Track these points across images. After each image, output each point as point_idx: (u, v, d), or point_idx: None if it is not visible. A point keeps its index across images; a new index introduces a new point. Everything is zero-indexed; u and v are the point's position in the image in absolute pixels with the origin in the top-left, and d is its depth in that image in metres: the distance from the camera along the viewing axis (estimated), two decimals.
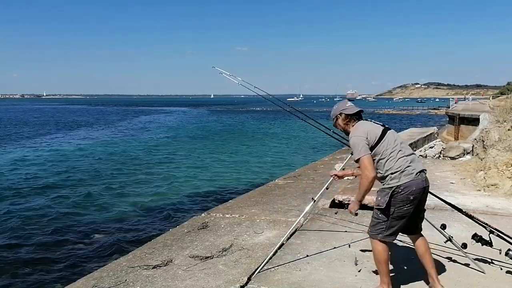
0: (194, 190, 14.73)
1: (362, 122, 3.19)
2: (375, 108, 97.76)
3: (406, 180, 2.99)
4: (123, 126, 47.45)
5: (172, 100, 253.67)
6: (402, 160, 3.02)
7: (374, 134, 3.05)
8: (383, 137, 3.05)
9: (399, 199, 3.00)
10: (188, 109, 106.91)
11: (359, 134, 3.05)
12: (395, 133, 3.16)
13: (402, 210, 3.02)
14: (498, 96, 46.97)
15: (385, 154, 3.03)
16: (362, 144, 2.99)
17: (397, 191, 2.99)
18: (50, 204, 12.70)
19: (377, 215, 3.09)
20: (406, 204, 3.01)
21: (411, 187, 2.99)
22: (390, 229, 3.05)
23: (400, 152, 3.04)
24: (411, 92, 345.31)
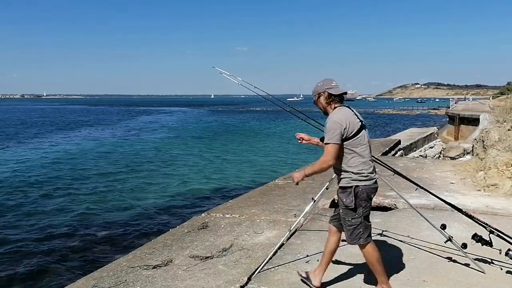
0: (194, 190, 14.73)
1: (345, 109, 3.09)
2: (375, 108, 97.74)
3: (367, 183, 3.03)
4: (123, 126, 47.46)
5: (173, 100, 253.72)
6: (366, 162, 3.05)
7: (353, 126, 3.00)
8: (359, 132, 3.02)
9: (362, 199, 3.01)
10: (188, 109, 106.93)
11: (339, 120, 2.98)
12: (367, 132, 3.13)
13: (367, 208, 3.06)
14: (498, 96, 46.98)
15: (354, 150, 3.01)
16: (338, 132, 2.95)
17: (358, 190, 3.00)
18: (50, 204, 12.71)
19: (351, 221, 3.04)
20: (368, 204, 3.06)
21: (369, 186, 3.04)
22: (366, 231, 3.07)
23: (367, 153, 3.05)
24: (411, 92, 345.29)
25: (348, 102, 3.31)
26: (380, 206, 6.04)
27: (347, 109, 3.10)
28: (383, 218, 5.32)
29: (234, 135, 36.75)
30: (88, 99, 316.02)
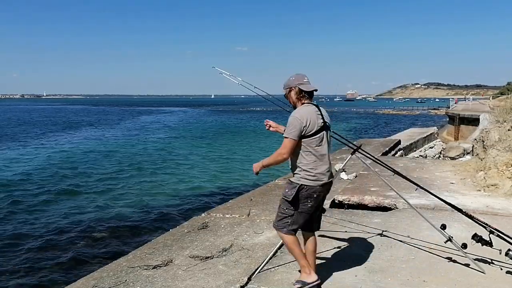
0: (194, 190, 14.74)
1: (311, 107, 3.13)
2: (375, 108, 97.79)
3: (313, 183, 3.09)
4: (124, 126, 47.51)
5: (173, 100, 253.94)
6: (319, 162, 3.10)
7: (313, 125, 3.05)
8: (318, 132, 3.08)
9: (304, 195, 3.09)
10: (188, 109, 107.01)
11: (300, 117, 3.03)
12: (328, 133, 3.20)
13: (306, 206, 3.12)
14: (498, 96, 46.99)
15: (309, 149, 3.08)
16: (297, 128, 3.01)
17: (302, 188, 3.08)
18: (50, 204, 12.73)
19: (284, 210, 3.16)
20: (310, 201, 3.11)
21: (315, 188, 3.10)
22: (294, 224, 3.15)
23: (321, 155, 3.11)
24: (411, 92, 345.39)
25: (348, 102, 3.32)
26: (380, 206, 6.05)
27: (313, 107, 3.14)
28: (383, 218, 5.32)
29: (234, 135, 36.77)
30: (88, 99, 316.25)
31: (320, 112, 3.14)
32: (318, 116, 3.10)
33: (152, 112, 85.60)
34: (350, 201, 6.26)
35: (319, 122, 3.09)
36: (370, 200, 6.20)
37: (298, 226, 3.18)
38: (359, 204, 6.18)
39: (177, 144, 29.56)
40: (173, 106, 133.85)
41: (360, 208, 6.07)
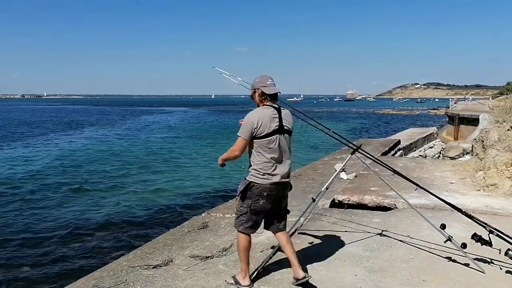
0: (195, 190, 14.74)
1: (267, 110, 3.21)
2: (375, 108, 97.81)
3: (262, 181, 3.20)
4: (125, 126, 47.54)
5: (173, 100, 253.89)
6: (269, 163, 3.20)
7: (265, 128, 3.15)
8: (271, 135, 3.17)
9: (254, 193, 3.21)
10: (189, 109, 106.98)
11: (252, 118, 3.17)
12: (287, 139, 3.28)
13: (258, 204, 3.22)
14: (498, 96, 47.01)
15: (260, 150, 3.20)
16: (249, 129, 3.15)
17: (252, 186, 3.21)
18: (51, 203, 12.72)
19: (239, 208, 3.30)
20: (261, 199, 3.21)
21: (265, 185, 3.20)
22: (249, 222, 3.26)
23: (273, 157, 3.20)
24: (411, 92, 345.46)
25: (348, 102, 3.33)
26: (380, 206, 6.05)
27: (270, 110, 3.22)
28: (383, 218, 5.33)
29: (234, 134, 36.68)
30: (89, 99, 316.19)
31: (278, 115, 3.22)
32: (273, 119, 3.19)
33: (152, 112, 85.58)
34: (350, 201, 6.27)
35: (273, 125, 3.18)
36: (370, 200, 6.20)
37: (253, 224, 3.27)
38: (359, 204, 6.18)
39: (177, 144, 29.56)
40: (173, 106, 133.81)
41: (360, 208, 6.08)
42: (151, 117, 68.15)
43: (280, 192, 3.29)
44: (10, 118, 62.26)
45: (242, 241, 3.29)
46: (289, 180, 3.36)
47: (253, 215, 3.26)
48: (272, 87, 3.25)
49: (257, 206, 3.23)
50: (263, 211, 3.27)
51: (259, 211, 3.26)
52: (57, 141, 30.59)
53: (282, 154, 3.25)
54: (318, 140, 28.39)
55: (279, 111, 3.25)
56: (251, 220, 3.26)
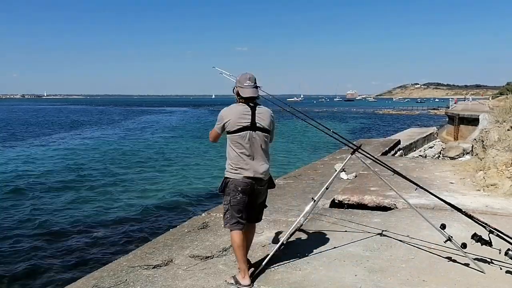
0: (195, 190, 14.74)
1: (240, 107, 3.33)
2: (375, 108, 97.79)
3: (235, 176, 3.31)
4: (125, 126, 47.59)
5: (174, 100, 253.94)
6: (241, 158, 3.30)
7: (234, 123, 3.28)
8: (240, 131, 3.27)
9: (231, 189, 3.32)
10: (189, 109, 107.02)
11: (224, 114, 3.36)
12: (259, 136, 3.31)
13: (236, 199, 3.31)
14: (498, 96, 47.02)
15: (232, 145, 3.33)
16: (220, 123, 3.36)
17: (228, 181, 3.34)
18: (51, 203, 12.73)
19: (223, 205, 3.43)
20: (237, 195, 3.31)
21: (238, 180, 3.30)
22: (233, 218, 3.35)
23: (243, 152, 3.29)
24: (410, 92, 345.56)
25: (348, 102, 3.34)
26: (380, 206, 6.05)
27: (243, 107, 3.33)
28: (383, 218, 5.33)
29: None
30: (89, 99, 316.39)
31: (251, 112, 3.30)
32: (244, 116, 3.29)
33: (152, 112, 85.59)
34: (350, 201, 6.27)
35: (243, 121, 3.28)
36: (370, 199, 6.20)
37: (236, 220, 3.34)
38: (359, 204, 6.18)
39: (177, 143, 29.57)
40: (173, 106, 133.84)
41: (360, 207, 6.07)
42: (151, 117, 68.17)
43: (255, 188, 3.35)
44: (14, 118, 62.36)
45: (233, 239, 3.35)
46: (264, 177, 3.37)
47: (234, 212, 3.33)
48: (248, 89, 3.32)
49: (235, 201, 3.31)
50: (243, 206, 3.33)
51: (237, 206, 3.32)
52: (58, 141, 30.62)
53: (254, 151, 3.32)
54: (318, 140, 28.41)
55: (254, 108, 3.33)
56: (234, 216, 3.33)
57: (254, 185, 3.34)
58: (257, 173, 3.33)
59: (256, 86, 3.39)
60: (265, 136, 3.36)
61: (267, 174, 3.40)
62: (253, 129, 3.30)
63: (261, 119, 3.33)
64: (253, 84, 3.36)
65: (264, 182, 3.41)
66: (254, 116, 3.30)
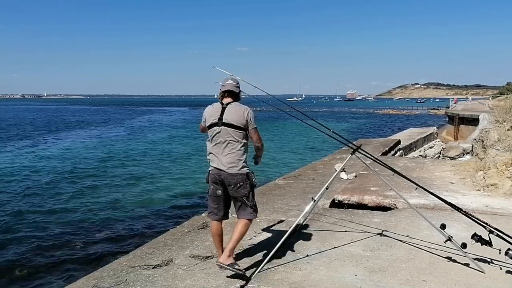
0: (195, 190, 14.73)
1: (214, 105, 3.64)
2: (375, 108, 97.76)
3: (209, 168, 3.65)
4: (126, 126, 47.63)
5: (174, 100, 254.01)
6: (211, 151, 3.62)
7: (207, 120, 3.62)
8: (211, 127, 3.57)
9: (207, 180, 3.68)
10: (190, 109, 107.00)
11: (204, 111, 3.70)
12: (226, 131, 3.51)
13: (210, 190, 3.65)
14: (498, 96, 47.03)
15: (207, 139, 3.66)
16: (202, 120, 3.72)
17: (207, 173, 3.68)
18: (51, 203, 12.72)
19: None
20: (211, 186, 3.63)
21: (210, 172, 3.64)
22: (209, 208, 3.72)
23: (212, 146, 3.60)
24: (410, 92, 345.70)
25: (348, 102, 3.33)
26: (380, 205, 6.05)
27: (217, 105, 3.62)
28: (383, 218, 5.32)
29: None
30: (89, 99, 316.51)
31: (221, 110, 3.55)
32: (214, 114, 3.57)
33: (153, 112, 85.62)
34: (350, 201, 6.27)
35: (212, 119, 3.57)
36: (370, 199, 6.20)
37: (211, 210, 3.65)
38: (359, 204, 6.18)
39: (178, 143, 29.57)
40: (175, 106, 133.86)
41: (360, 207, 6.07)
42: (151, 116, 68.17)
43: (225, 180, 3.52)
44: (17, 118, 62.41)
45: (212, 228, 3.70)
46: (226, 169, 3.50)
47: (210, 201, 3.65)
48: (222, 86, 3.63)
49: (209, 191, 3.65)
50: (214, 197, 3.61)
51: (211, 196, 3.63)
52: (57, 141, 30.60)
53: (218, 145, 3.55)
54: (318, 140, 28.41)
55: (224, 107, 3.56)
56: (209, 206, 3.68)
57: (221, 176, 3.52)
58: (220, 164, 3.53)
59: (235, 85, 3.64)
60: (233, 132, 3.51)
61: (231, 167, 3.50)
62: (220, 125, 3.52)
63: (228, 116, 3.51)
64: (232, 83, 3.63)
65: (231, 176, 3.51)
66: (222, 113, 3.53)
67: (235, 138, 3.52)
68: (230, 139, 3.52)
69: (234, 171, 3.50)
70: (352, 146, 4.16)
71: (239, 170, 3.51)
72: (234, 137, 3.52)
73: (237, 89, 3.67)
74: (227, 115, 3.52)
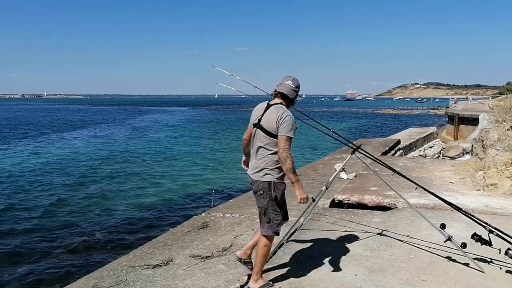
0: (195, 190, 14.73)
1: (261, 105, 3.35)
2: (374, 108, 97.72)
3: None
4: (127, 125, 47.67)
5: (175, 100, 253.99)
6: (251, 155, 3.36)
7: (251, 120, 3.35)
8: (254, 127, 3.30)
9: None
10: (190, 109, 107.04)
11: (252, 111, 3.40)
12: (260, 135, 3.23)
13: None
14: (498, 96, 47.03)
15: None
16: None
17: None
18: (51, 203, 12.70)
19: None
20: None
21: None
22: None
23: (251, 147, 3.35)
24: (410, 92, 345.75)
25: (348, 102, 3.33)
26: (380, 205, 6.06)
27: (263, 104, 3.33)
28: (383, 217, 5.33)
29: (234, 134, 36.75)
30: (89, 99, 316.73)
31: (264, 110, 3.27)
32: (259, 113, 3.29)
33: (154, 112, 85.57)
34: (349, 201, 6.27)
35: (254, 119, 3.31)
36: (370, 199, 6.21)
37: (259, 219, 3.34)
38: (359, 204, 6.19)
39: (178, 143, 29.57)
40: (175, 106, 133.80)
41: (360, 207, 6.08)
42: (152, 116, 68.16)
43: (253, 186, 3.29)
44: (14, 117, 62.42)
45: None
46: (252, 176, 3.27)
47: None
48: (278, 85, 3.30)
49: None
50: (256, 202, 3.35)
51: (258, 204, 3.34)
52: (61, 141, 30.60)
53: (253, 148, 3.31)
54: (318, 140, 28.41)
55: (267, 107, 3.27)
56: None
57: (253, 184, 3.30)
58: (250, 169, 3.37)
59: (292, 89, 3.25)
60: (263, 137, 3.19)
61: (255, 173, 3.23)
62: (257, 127, 3.25)
63: (266, 118, 3.22)
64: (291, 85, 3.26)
65: (253, 182, 3.26)
66: (263, 114, 3.24)
67: (264, 144, 3.19)
68: (260, 144, 3.22)
69: (257, 177, 3.22)
70: (352, 146, 4.16)
71: (262, 177, 3.19)
72: (264, 143, 3.19)
73: (293, 93, 3.26)
74: (265, 117, 3.21)
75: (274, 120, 3.13)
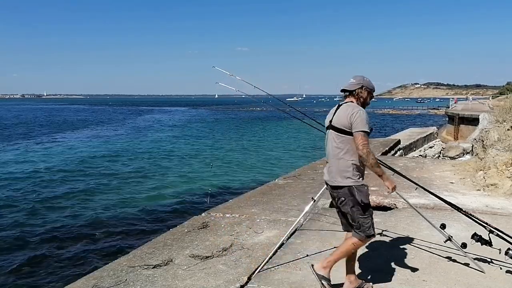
0: (195, 190, 14.73)
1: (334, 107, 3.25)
2: (375, 108, 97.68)
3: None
4: (127, 125, 47.68)
5: (175, 100, 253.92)
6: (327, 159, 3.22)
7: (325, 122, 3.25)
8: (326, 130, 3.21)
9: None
10: (191, 109, 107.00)
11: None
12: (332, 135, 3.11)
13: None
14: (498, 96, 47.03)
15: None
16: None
17: None
18: (51, 203, 12.71)
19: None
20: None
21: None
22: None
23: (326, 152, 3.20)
24: (410, 92, 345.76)
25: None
26: (380, 206, 6.05)
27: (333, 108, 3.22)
28: (383, 217, 5.32)
29: (234, 134, 36.76)
30: (89, 99, 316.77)
31: (335, 110, 3.16)
32: (330, 115, 3.18)
33: (154, 112, 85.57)
34: None
35: (326, 120, 3.20)
36: (370, 199, 6.19)
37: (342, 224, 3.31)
38: None
39: (177, 143, 29.55)
40: (175, 105, 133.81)
41: None
42: (152, 116, 68.15)
43: (332, 193, 3.16)
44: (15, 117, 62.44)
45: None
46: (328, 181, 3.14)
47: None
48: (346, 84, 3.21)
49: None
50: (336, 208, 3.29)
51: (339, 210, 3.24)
52: (59, 141, 30.58)
53: (326, 151, 3.18)
54: (318, 140, 28.41)
55: (338, 107, 3.15)
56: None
57: (330, 190, 3.17)
58: (325, 173, 3.21)
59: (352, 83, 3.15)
60: (336, 136, 3.06)
61: (332, 178, 3.08)
62: (329, 128, 3.14)
63: (337, 117, 3.08)
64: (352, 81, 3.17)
65: (332, 188, 3.12)
66: (335, 114, 3.13)
67: (337, 143, 3.05)
68: (333, 145, 3.07)
69: (335, 183, 3.06)
70: None
71: (340, 183, 3.03)
72: (337, 142, 3.05)
73: (353, 86, 3.13)
74: (336, 116, 3.10)
75: (346, 117, 3.01)
